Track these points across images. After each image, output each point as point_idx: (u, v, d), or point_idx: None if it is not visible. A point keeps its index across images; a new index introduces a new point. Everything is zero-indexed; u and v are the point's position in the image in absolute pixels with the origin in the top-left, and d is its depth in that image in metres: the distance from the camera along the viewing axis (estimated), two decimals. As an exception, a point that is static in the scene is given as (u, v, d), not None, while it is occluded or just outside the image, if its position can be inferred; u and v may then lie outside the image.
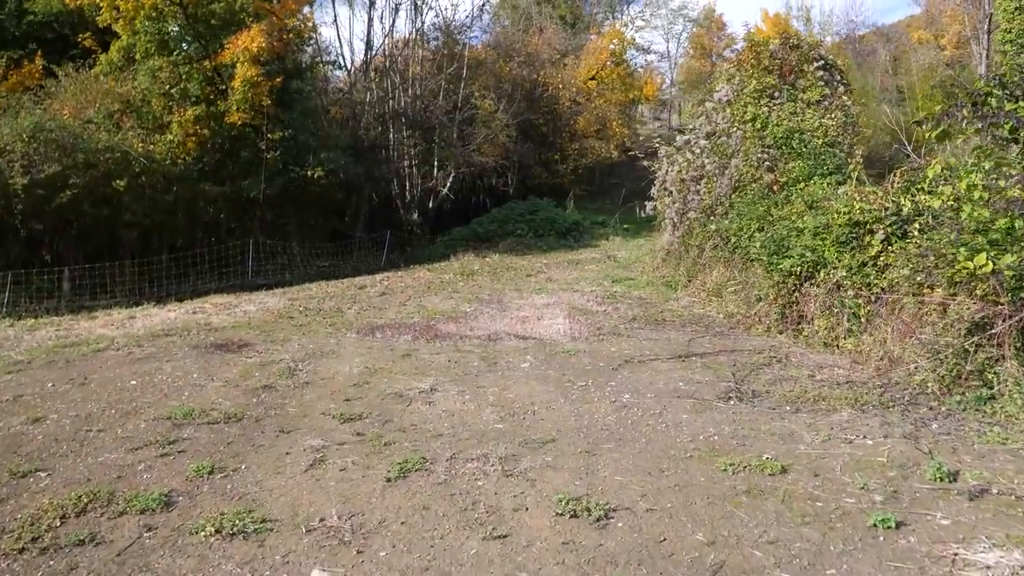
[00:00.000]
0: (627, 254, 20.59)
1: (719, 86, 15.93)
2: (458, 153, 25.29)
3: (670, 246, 15.87)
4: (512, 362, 8.78)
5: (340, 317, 12.40)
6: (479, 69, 29.08)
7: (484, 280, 17.06)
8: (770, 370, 8.20)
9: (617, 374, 8.12)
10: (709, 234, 13.87)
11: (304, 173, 19.21)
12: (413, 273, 18.90)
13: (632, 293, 14.40)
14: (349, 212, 23.47)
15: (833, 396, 6.95)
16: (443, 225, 27.69)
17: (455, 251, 22.20)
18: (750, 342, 9.89)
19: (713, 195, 14.45)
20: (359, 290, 16.03)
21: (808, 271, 10.21)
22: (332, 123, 23.01)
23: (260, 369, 8.45)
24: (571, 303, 13.18)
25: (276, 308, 13.66)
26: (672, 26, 67.56)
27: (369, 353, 9.22)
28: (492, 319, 11.81)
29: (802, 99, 14.75)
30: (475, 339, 10.20)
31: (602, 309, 12.60)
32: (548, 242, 22.92)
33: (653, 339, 10.09)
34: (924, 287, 8.28)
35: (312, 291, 16.33)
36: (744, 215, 12.88)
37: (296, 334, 10.67)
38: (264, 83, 18.08)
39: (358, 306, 13.67)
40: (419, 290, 15.57)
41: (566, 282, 16.23)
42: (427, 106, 25.68)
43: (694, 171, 15.22)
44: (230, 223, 19.79)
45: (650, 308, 12.66)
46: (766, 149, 13.99)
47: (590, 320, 11.56)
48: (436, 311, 12.57)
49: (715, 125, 15.45)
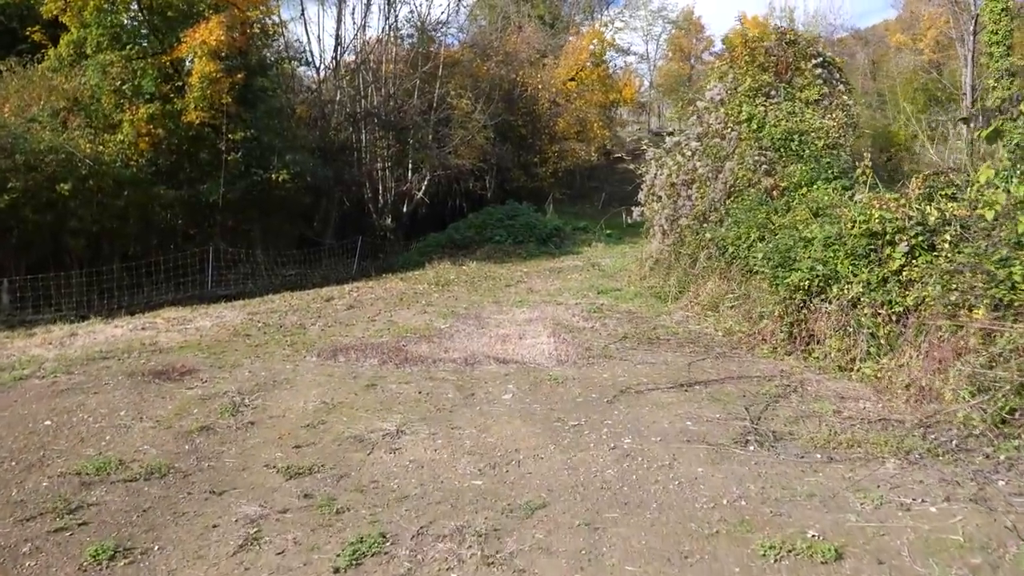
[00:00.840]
0: (611, 262, 19.57)
1: (711, 84, 14.95)
2: (434, 155, 24.14)
3: (659, 255, 14.85)
4: (492, 393, 7.68)
5: (302, 335, 11.24)
6: (455, 68, 27.97)
7: (461, 291, 15.95)
8: (787, 403, 7.17)
9: (613, 409, 7.04)
10: (703, 243, 12.87)
11: (268, 176, 17.99)
12: (385, 283, 17.75)
13: (620, 306, 13.37)
14: (318, 217, 22.24)
15: (869, 440, 5.92)
16: (418, 231, 26.54)
17: (430, 258, 21.07)
18: (757, 366, 8.87)
19: (706, 200, 13.46)
20: (326, 302, 14.86)
21: (819, 286, 9.22)
22: (299, 123, 21.78)
23: (200, 404, 7.28)
24: (555, 318, 12.11)
25: (233, 323, 12.47)
26: (651, 27, 66.94)
27: (329, 382, 8.07)
28: (469, 337, 10.71)
29: (800, 98, 13.82)
30: (450, 363, 9.09)
31: (589, 325, 11.54)
32: (528, 249, 21.85)
33: (649, 362, 9.04)
34: (960, 308, 7.30)
35: (275, 303, 15.13)
36: (742, 222, 11.89)
37: (249, 357, 9.49)
38: (224, 80, 16.85)
39: (323, 321, 12.51)
40: (390, 302, 14.43)
41: (548, 293, 15.16)
42: (401, 106, 24.52)
43: (685, 175, 14.23)
44: (188, 230, 18.51)
45: (641, 324, 11.63)
46: (763, 151, 13.03)
47: (577, 339, 10.49)
48: (408, 328, 11.44)
49: (707, 126, 14.47)
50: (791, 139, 12.97)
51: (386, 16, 24.93)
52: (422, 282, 17.30)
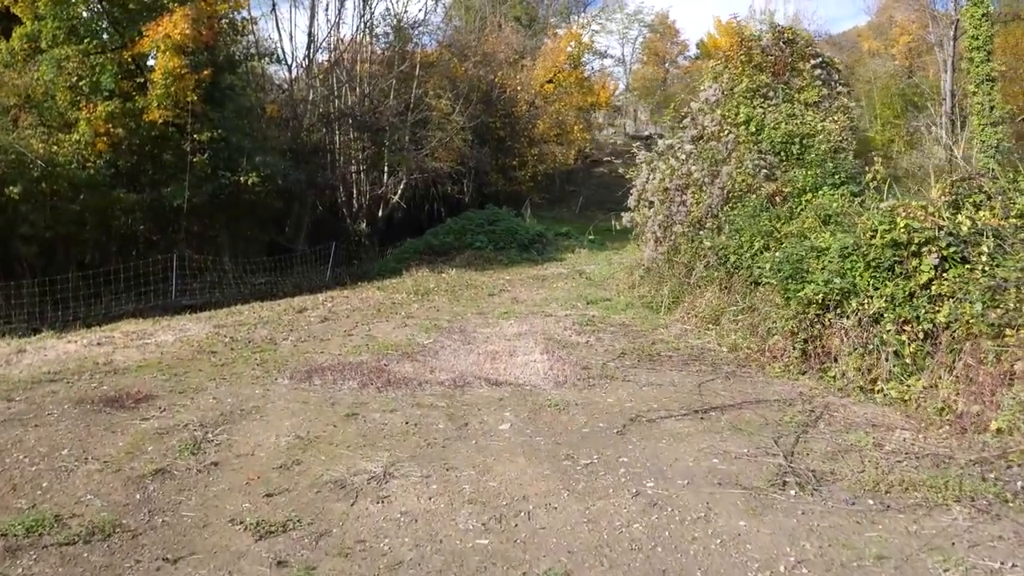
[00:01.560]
0: (597, 270, 18.84)
1: (705, 84, 14.29)
2: (410, 157, 23.25)
3: (651, 263, 14.14)
4: (487, 423, 6.87)
5: (272, 352, 10.34)
6: (433, 69, 27.13)
7: (442, 301, 15.11)
8: (818, 433, 6.44)
9: (626, 442, 6.27)
10: (701, 251, 12.17)
11: (236, 179, 17.02)
12: (361, 292, 16.85)
13: (612, 318, 12.62)
14: (289, 223, 21.25)
15: (924, 482, 5.20)
16: (394, 236, 25.64)
17: (408, 265, 20.19)
18: (772, 387, 8.16)
19: (703, 206, 12.76)
20: (298, 314, 13.94)
21: (835, 300, 8.53)
22: (270, 124, 20.80)
23: (156, 440, 6.38)
24: (546, 332, 11.33)
25: (198, 338, 11.54)
26: (627, 31, 66.63)
27: (304, 411, 7.21)
28: (456, 355, 9.89)
29: (799, 100, 13.18)
30: (438, 385, 8.26)
31: (583, 340, 10.77)
32: (510, 255, 21.05)
33: (655, 384, 8.29)
34: (1006, 327, 6.63)
35: (243, 315, 14.18)
36: (744, 230, 11.20)
37: (214, 379, 8.59)
38: (189, 76, 15.87)
39: (296, 336, 11.62)
40: (368, 314, 13.55)
41: (535, 303, 14.38)
42: (377, 106, 23.61)
43: (679, 179, 13.53)
44: (151, 236, 17.47)
45: (638, 339, 10.89)
46: (763, 155, 12.36)
47: (572, 355, 9.72)
48: (388, 344, 10.59)
49: (701, 128, 13.78)
50: (792, 142, 12.33)
51: (361, 13, 24.04)
52: (400, 291, 16.44)
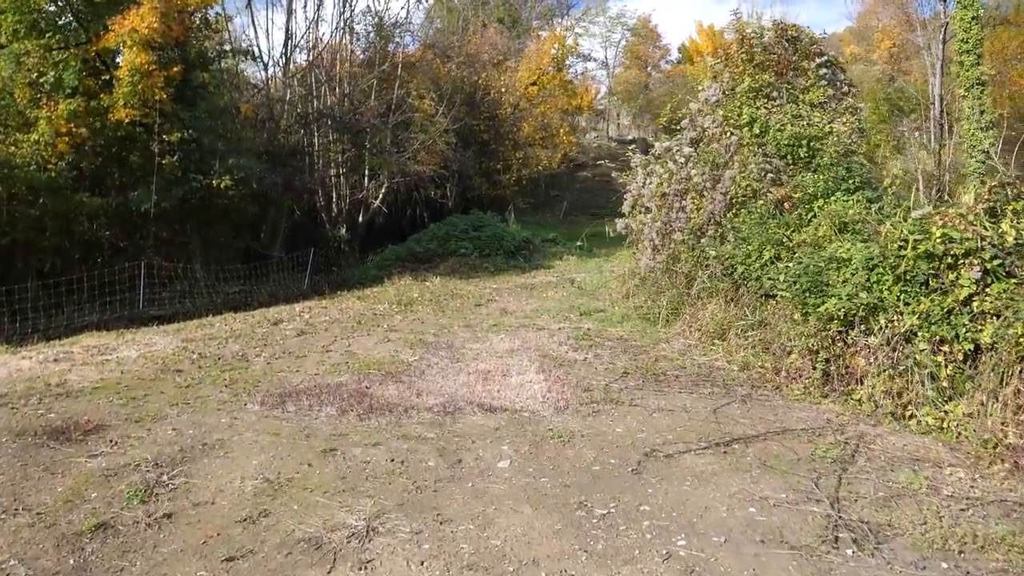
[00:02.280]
0: (588, 278, 18.08)
1: (704, 84, 13.58)
2: (392, 160, 22.38)
3: (648, 272, 13.38)
4: (484, 459, 6.06)
5: (243, 371, 9.47)
6: (415, 69, 26.28)
7: (426, 312, 14.27)
8: (860, 472, 5.69)
9: (644, 484, 5.48)
10: (705, 260, 11.43)
11: (208, 182, 16.09)
12: (340, 302, 15.97)
13: (609, 331, 11.86)
14: (265, 228, 20.31)
15: (999, 538, 4.47)
16: (375, 242, 24.76)
17: (390, 273, 19.34)
18: (794, 413, 7.41)
19: (704, 213, 12.04)
20: (273, 326, 13.06)
21: (860, 316, 7.81)
22: (245, 124, 19.87)
23: (102, 484, 5.51)
24: (540, 347, 10.54)
25: (163, 354, 10.65)
26: (610, 34, 66.22)
27: (275, 446, 6.35)
28: (444, 375, 9.06)
29: (804, 100, 12.49)
30: (425, 412, 7.44)
31: (581, 357, 9.99)
32: (496, 263, 20.23)
33: (665, 409, 7.51)
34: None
35: (214, 327, 13.28)
36: (752, 238, 10.47)
37: (176, 405, 7.71)
38: (158, 73, 14.94)
39: (269, 352, 10.74)
40: (347, 327, 12.69)
41: (525, 315, 13.58)
42: (357, 107, 22.73)
43: (678, 184, 12.81)
44: (117, 242, 16.51)
45: (640, 355, 10.13)
46: (768, 158, 11.65)
47: (571, 375, 8.93)
48: (370, 362, 9.74)
49: (701, 130, 13.08)
50: (799, 145, 11.62)
51: (341, 11, 23.13)
52: (382, 301, 15.58)
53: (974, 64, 24.68)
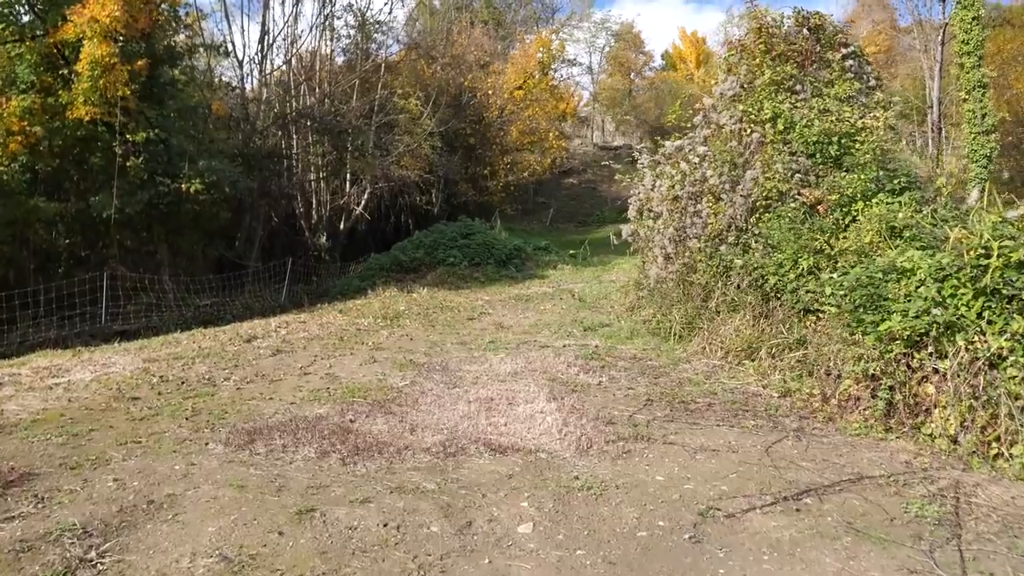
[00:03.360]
0: (586, 289, 16.92)
1: (719, 77, 12.49)
2: (375, 164, 21.13)
3: (659, 283, 12.25)
4: (500, 520, 4.86)
5: (209, 399, 8.23)
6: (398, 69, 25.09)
7: (415, 327, 13.06)
8: (980, 541, 4.55)
9: (709, 559, 4.31)
10: (726, 270, 10.30)
11: (177, 186, 14.81)
12: (321, 316, 14.72)
13: (619, 349, 10.72)
14: (240, 236, 18.98)
15: None
16: (357, 250, 23.48)
17: (373, 284, 18.08)
18: (861, 452, 6.27)
19: (724, 217, 10.92)
20: (246, 344, 11.82)
21: (933, 336, 6.69)
22: (218, 125, 18.56)
23: (10, 564, 4.25)
24: (546, 369, 9.36)
25: (121, 377, 9.43)
26: (595, 39, 65.54)
27: (238, 505, 5.10)
28: (441, 403, 7.85)
29: (829, 94, 11.43)
30: (423, 453, 6.22)
31: (594, 380, 8.81)
32: (486, 272, 19.02)
33: (708, 448, 6.34)
34: None
35: (181, 345, 12.03)
36: (785, 246, 9.36)
37: (125, 445, 6.46)
38: (121, 67, 13.65)
39: (240, 375, 9.50)
40: (328, 345, 11.46)
41: (524, 330, 12.41)
42: (338, 108, 21.47)
43: (692, 186, 11.70)
44: (77, 251, 15.16)
45: (660, 378, 8.98)
46: (795, 157, 10.57)
47: (587, 403, 7.76)
48: (354, 387, 8.52)
49: (716, 127, 12.00)
50: (829, 142, 10.55)
51: (321, 7, 21.84)
52: (366, 315, 14.34)
53: (975, 66, 23.84)
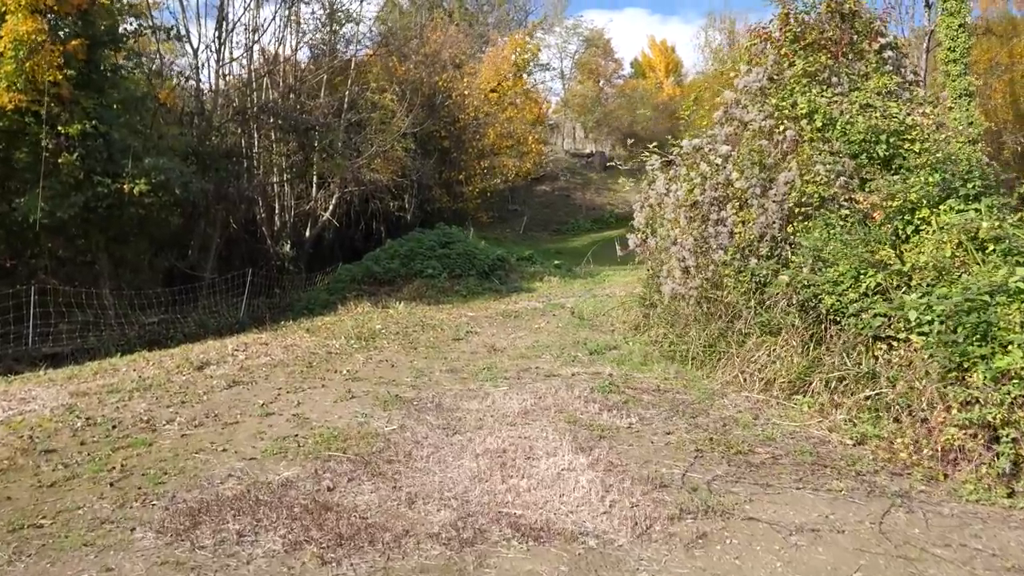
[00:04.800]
0: (581, 304, 15.36)
1: (742, 68, 11.06)
2: (345, 166, 19.37)
3: (675, 299, 10.76)
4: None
5: (144, 451, 6.56)
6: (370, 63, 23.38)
7: (395, 349, 11.41)
8: None
9: None
10: (771, 287, 8.82)
11: (119, 187, 12.96)
12: (285, 336, 12.97)
13: (637, 377, 9.20)
14: (193, 244, 17.09)
15: None
16: (324, 260, 21.70)
17: (344, 298, 16.36)
18: (1001, 532, 4.82)
19: (755, 226, 9.46)
20: (197, 372, 10.08)
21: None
22: (170, 119, 16.69)
23: None
24: (560, 406, 7.78)
25: (37, 420, 7.75)
26: (567, 45, 64.56)
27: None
28: (441, 459, 6.23)
29: (867, 88, 10.05)
30: (429, 542, 4.62)
31: (622, 422, 7.27)
32: (468, 285, 17.38)
33: (804, 528, 4.83)
34: None
35: (119, 374, 10.26)
36: (838, 259, 7.89)
37: (15, 531, 4.77)
38: (52, 48, 11.83)
39: (187, 415, 7.79)
40: (295, 373, 9.76)
41: (520, 353, 10.82)
42: (303, 105, 19.68)
43: (713, 190, 10.22)
44: (1, 262, 13.22)
45: (697, 417, 7.50)
46: (839, 157, 9.15)
47: (622, 455, 6.24)
48: (330, 435, 6.86)
49: (740, 124, 10.57)
50: (876, 140, 9.14)
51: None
52: (337, 334, 12.63)
53: (961, 74, 22.89)
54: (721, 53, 38.72)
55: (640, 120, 56.83)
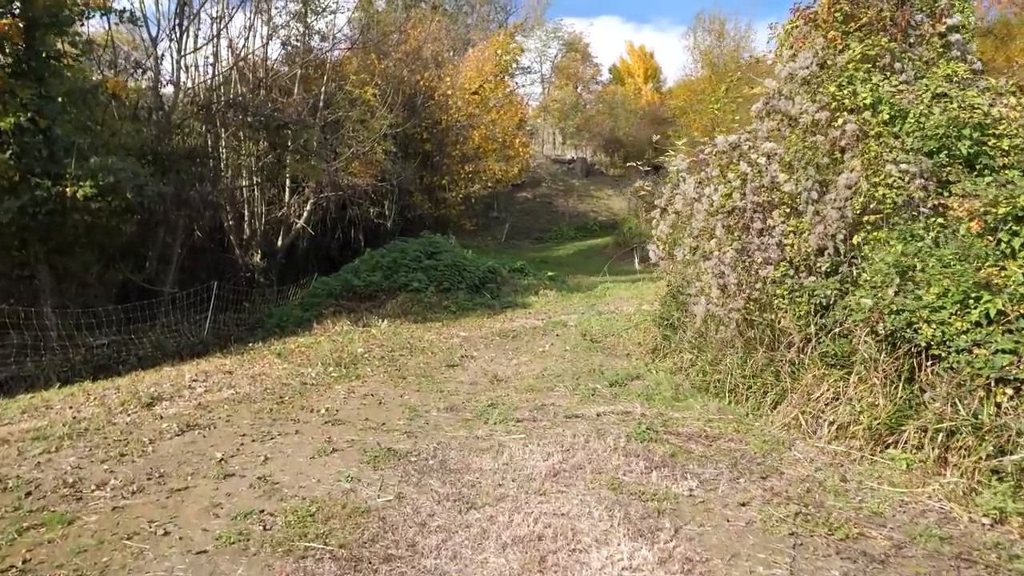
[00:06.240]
0: (584, 321, 13.82)
1: (784, 53, 9.60)
2: (320, 168, 17.70)
3: (710, 323, 9.27)
4: None
5: (60, 535, 5.01)
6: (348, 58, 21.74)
7: (380, 379, 9.80)
8: None
9: None
10: (839, 310, 7.34)
11: (62, 190, 11.24)
12: (252, 360, 11.31)
13: (674, 418, 7.69)
14: (151, 255, 15.31)
15: None
16: (297, 271, 19.99)
17: (320, 314, 14.67)
18: None
19: (811, 236, 7.99)
20: (145, 410, 8.42)
21: None
22: (124, 115, 14.93)
23: None
24: (594, 461, 6.26)
25: (-69, 481, 5.98)
26: (547, 48, 63.58)
27: None
28: (453, 550, 4.67)
29: (937, 75, 8.63)
30: None
31: (680, 489, 5.75)
32: (458, 300, 15.76)
33: None
34: None
35: (52, 413, 8.58)
36: (938, 278, 6.42)
37: None
38: (-21, 28, 10.10)
39: (125, 475, 6.16)
40: (263, 413, 8.11)
41: (529, 385, 9.26)
42: (275, 100, 17.98)
43: (755, 194, 8.74)
44: (-79, 275, 11.45)
45: (770, 478, 6.01)
46: (915, 155, 7.70)
47: (699, 545, 4.72)
48: (305, 513, 5.24)
49: (784, 118, 9.10)
50: (959, 136, 7.70)
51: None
52: (313, 360, 11.00)
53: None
54: (711, 56, 37.55)
55: (622, 126, 55.68)
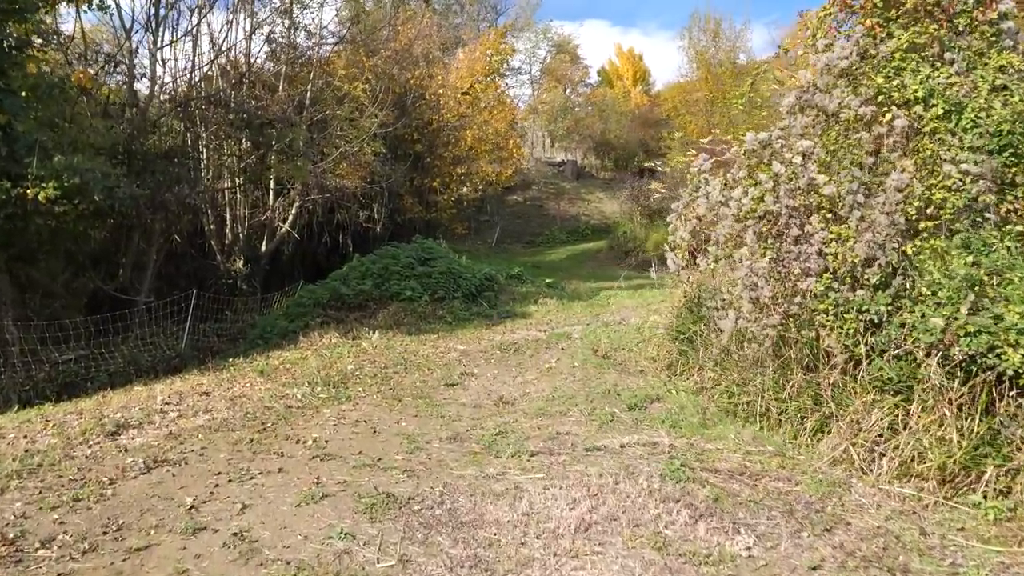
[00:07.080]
0: (589, 333, 12.93)
1: (818, 42, 8.75)
2: (307, 171, 16.74)
3: (735, 339, 8.41)
4: None
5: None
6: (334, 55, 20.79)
7: (373, 402, 8.87)
8: None
9: None
10: (927, 337, 6.47)
11: (23, 192, 10.25)
12: (232, 378, 10.36)
13: (707, 450, 6.84)
14: (125, 262, 14.28)
15: None
16: (282, 278, 18.99)
17: (306, 325, 13.70)
18: None
19: (858, 244, 7.14)
20: (108, 441, 7.49)
21: None
22: (94, 110, 13.90)
23: None
24: (628, 511, 5.38)
25: None
26: (536, 49, 62.89)
27: None
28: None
29: (990, 66, 7.81)
30: None
31: (737, 548, 4.91)
32: (454, 310, 14.82)
33: None
34: None
35: (3, 444, 7.67)
36: (1014, 296, 5.58)
37: None
38: (-73, 13, 9.09)
39: (76, 527, 5.26)
40: (242, 444, 7.18)
41: (538, 408, 8.36)
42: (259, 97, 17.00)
43: (791, 197, 7.89)
44: None
45: (835, 531, 5.23)
46: (979, 153, 6.88)
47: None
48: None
49: (820, 114, 8.26)
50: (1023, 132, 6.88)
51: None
52: (299, 378, 10.06)
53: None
54: (706, 56, 36.83)
55: (613, 128, 55.04)
